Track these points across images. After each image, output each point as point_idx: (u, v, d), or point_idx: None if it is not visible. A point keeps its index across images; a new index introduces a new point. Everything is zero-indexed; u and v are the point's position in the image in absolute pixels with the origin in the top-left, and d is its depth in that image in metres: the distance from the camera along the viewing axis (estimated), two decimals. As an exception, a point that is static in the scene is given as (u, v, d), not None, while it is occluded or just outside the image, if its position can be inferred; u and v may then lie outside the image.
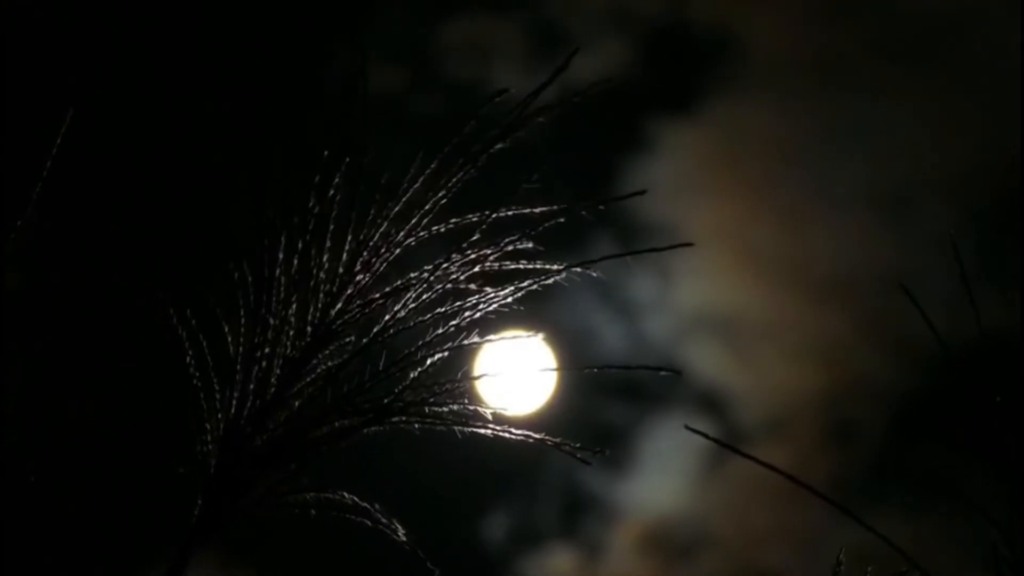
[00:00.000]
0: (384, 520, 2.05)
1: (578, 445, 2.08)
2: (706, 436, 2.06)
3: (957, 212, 6.76)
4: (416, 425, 2.06)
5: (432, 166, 2.09)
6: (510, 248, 2.09)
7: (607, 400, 6.87)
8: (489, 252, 2.08)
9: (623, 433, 7.01)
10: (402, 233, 2.10)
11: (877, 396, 6.83)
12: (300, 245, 2.07)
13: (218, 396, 2.05)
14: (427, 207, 2.10)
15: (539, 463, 6.99)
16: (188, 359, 2.06)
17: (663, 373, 2.10)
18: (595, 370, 2.10)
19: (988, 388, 1.96)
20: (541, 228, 2.08)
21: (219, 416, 2.05)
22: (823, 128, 6.89)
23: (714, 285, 6.94)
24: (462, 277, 2.09)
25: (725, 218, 6.82)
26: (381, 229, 2.09)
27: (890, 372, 6.84)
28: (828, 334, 6.94)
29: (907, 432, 6.75)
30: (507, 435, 2.06)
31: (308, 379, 2.08)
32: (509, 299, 2.10)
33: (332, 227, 2.08)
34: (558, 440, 2.07)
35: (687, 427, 2.03)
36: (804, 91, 6.99)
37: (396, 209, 2.09)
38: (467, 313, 2.09)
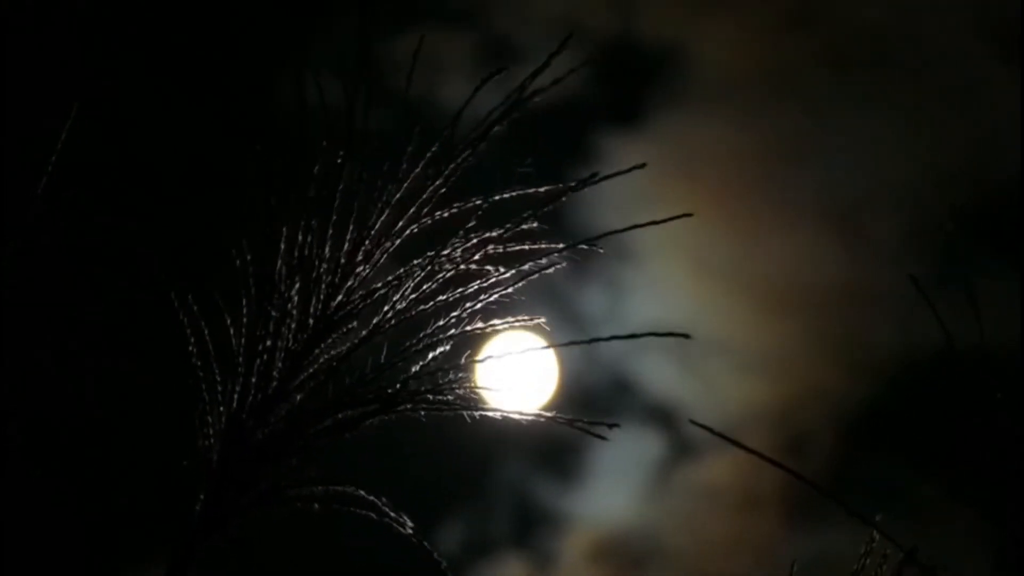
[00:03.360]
0: (392, 514, 2.04)
1: (588, 421, 2.07)
2: (710, 430, 2.05)
3: (910, 223, 6.84)
4: (422, 413, 2.05)
5: (431, 152, 2.09)
6: (509, 232, 2.09)
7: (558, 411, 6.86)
8: (490, 235, 2.08)
9: (573, 444, 7.02)
10: (402, 222, 2.09)
11: (829, 408, 6.89)
12: (301, 237, 2.06)
13: (220, 390, 2.04)
14: (425, 196, 2.10)
15: (488, 473, 6.98)
16: (190, 349, 2.05)
17: (673, 337, 2.08)
18: (602, 341, 2.09)
19: (990, 387, 1.97)
20: (544, 210, 2.09)
21: (221, 410, 2.03)
22: (774, 140, 6.95)
23: (665, 298, 6.97)
24: (462, 265, 2.09)
25: (676, 231, 6.84)
26: (383, 217, 2.08)
27: (842, 384, 6.90)
28: (780, 346, 6.99)
29: (859, 443, 6.81)
30: (517, 417, 2.05)
31: (310, 371, 2.06)
32: (510, 288, 2.10)
33: (335, 217, 2.07)
34: (570, 417, 2.07)
35: (691, 421, 2.02)
36: (755, 103, 7.05)
37: (397, 196, 2.08)
38: (467, 304, 2.09)
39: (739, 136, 6.90)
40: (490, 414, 2.05)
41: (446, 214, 2.10)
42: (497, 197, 2.09)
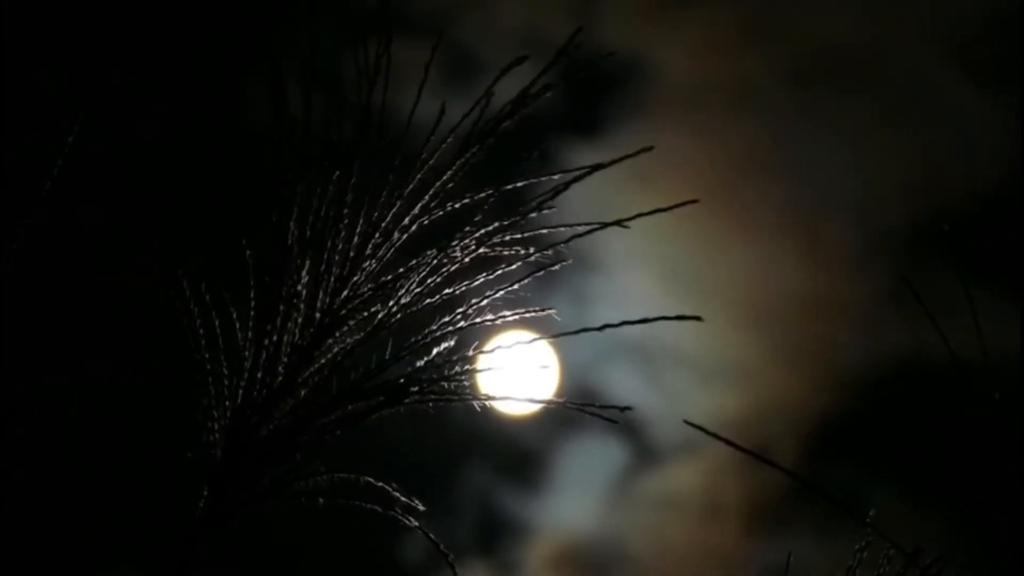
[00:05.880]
0: (404, 499, 2.05)
1: (600, 405, 2.08)
2: (704, 431, 2.05)
3: (871, 234, 6.90)
4: (430, 405, 2.05)
5: (447, 142, 2.10)
6: (514, 222, 2.10)
7: (522, 419, 6.88)
8: (495, 227, 2.09)
9: (537, 453, 7.03)
10: (407, 218, 2.10)
11: (791, 417, 6.93)
12: (310, 231, 2.06)
13: (225, 384, 2.03)
14: (434, 190, 2.10)
15: (452, 481, 6.97)
16: (196, 343, 2.04)
17: (685, 320, 2.09)
18: (613, 327, 2.10)
19: (990, 397, 1.99)
20: (556, 195, 2.11)
21: (226, 404, 2.03)
22: (736, 151, 6.99)
23: (629, 309, 6.97)
24: (466, 259, 2.09)
25: (639, 242, 6.87)
26: (393, 210, 2.09)
27: (804, 393, 6.95)
28: (742, 356, 7.04)
29: (821, 452, 6.85)
30: (528, 402, 2.06)
31: (316, 366, 2.06)
32: (515, 284, 2.10)
33: (346, 210, 2.07)
34: (581, 402, 2.08)
35: (686, 422, 2.01)
36: (717, 115, 7.09)
37: (408, 189, 2.09)
38: (474, 299, 2.09)
39: (701, 147, 6.95)
40: (499, 402, 2.05)
41: (457, 205, 2.10)
42: (509, 187, 2.10)
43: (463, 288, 2.09)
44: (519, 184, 2.11)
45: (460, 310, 2.08)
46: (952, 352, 2.02)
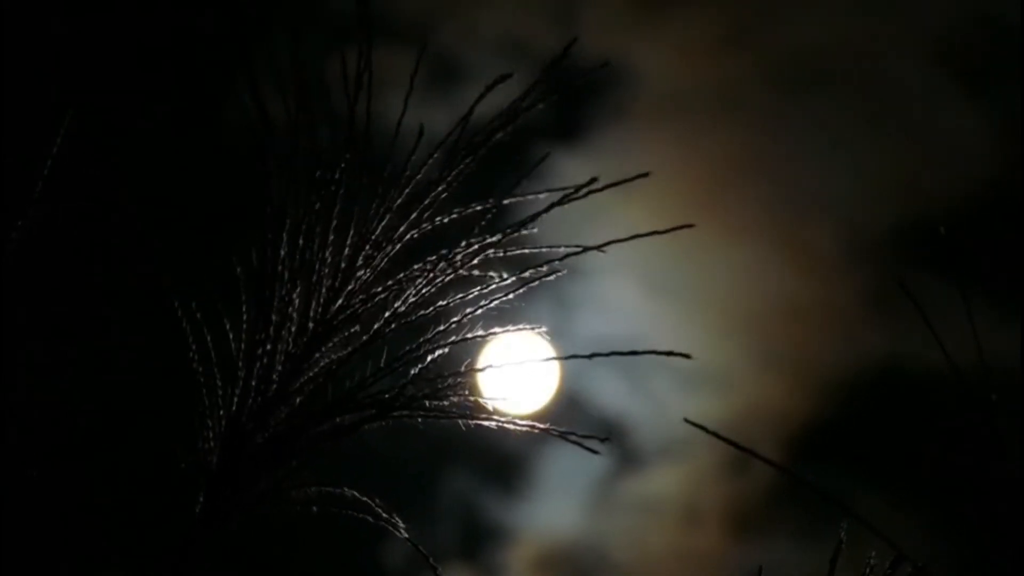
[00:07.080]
0: (385, 515, 2.06)
1: (584, 434, 2.09)
2: (705, 430, 2.06)
3: (857, 238, 6.92)
4: (419, 419, 2.06)
5: (435, 156, 2.11)
6: (509, 236, 2.11)
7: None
8: (491, 240, 2.10)
9: (521, 458, 7.03)
10: (403, 228, 2.11)
11: (774, 422, 6.95)
12: (302, 241, 2.07)
13: (220, 393, 2.04)
14: (427, 201, 2.11)
15: (433, 485, 6.97)
16: (190, 353, 2.05)
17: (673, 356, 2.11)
18: (602, 356, 2.11)
19: (989, 401, 1.99)
20: (548, 212, 2.12)
21: (221, 413, 2.03)
22: (719, 157, 7.01)
23: (612, 315, 7.00)
24: (462, 270, 2.10)
25: (623, 247, 6.86)
26: (384, 222, 2.10)
27: (787, 398, 6.96)
28: (726, 361, 7.05)
29: (804, 456, 6.87)
30: (512, 427, 2.07)
31: (309, 375, 2.07)
32: (510, 294, 2.11)
33: (335, 222, 2.08)
34: (563, 429, 2.09)
35: (686, 420, 2.02)
36: (699, 121, 7.11)
37: (398, 202, 2.10)
38: (468, 309, 2.10)
39: (683, 153, 6.96)
40: (485, 423, 2.07)
41: (447, 220, 2.11)
42: (506, 201, 2.11)
43: (457, 300, 2.10)
44: (514, 198, 2.12)
45: (454, 319, 2.09)
46: (946, 353, 2.03)
